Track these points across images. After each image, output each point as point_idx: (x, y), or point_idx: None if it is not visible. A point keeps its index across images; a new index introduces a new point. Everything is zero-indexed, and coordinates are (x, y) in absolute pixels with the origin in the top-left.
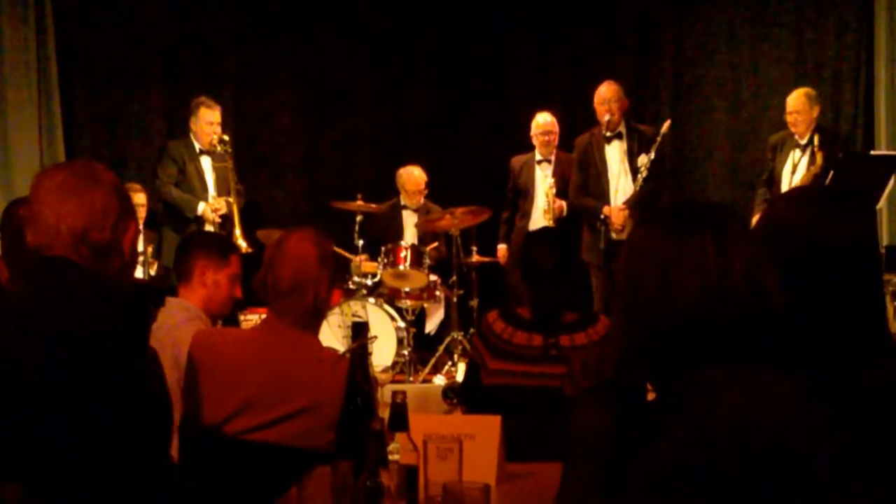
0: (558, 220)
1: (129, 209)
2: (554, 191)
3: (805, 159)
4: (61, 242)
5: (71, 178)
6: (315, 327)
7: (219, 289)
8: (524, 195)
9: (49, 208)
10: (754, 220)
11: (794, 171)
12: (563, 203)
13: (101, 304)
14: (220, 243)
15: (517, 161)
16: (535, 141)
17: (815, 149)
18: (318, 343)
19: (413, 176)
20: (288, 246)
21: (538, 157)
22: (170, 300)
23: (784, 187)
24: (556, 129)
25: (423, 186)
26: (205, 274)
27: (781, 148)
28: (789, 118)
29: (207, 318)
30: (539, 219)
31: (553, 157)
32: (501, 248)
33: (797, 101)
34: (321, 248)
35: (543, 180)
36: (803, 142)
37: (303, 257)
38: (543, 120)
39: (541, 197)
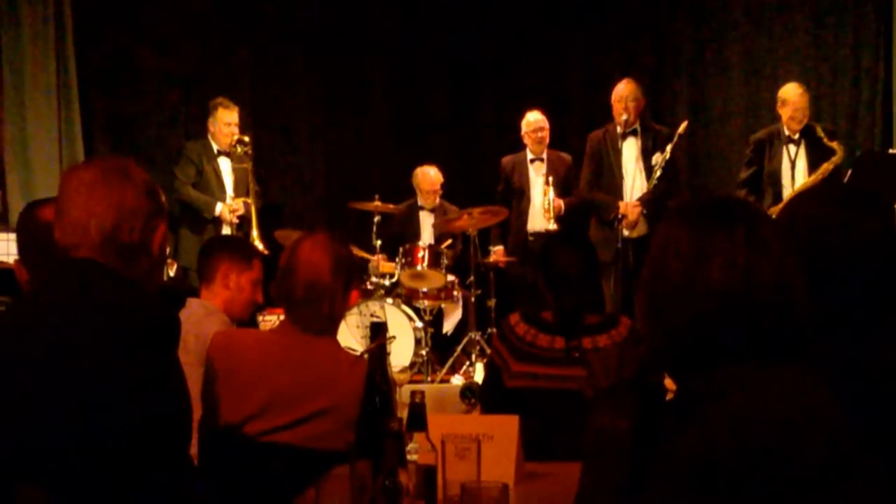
0: (558, 218)
1: (159, 209)
2: (552, 189)
3: (802, 154)
4: (89, 243)
5: (101, 176)
6: (332, 331)
7: (241, 292)
8: (519, 195)
9: (78, 207)
10: None
11: (794, 167)
12: (562, 202)
13: (127, 308)
14: (245, 247)
15: (508, 161)
16: (526, 139)
17: (825, 139)
18: (337, 345)
19: (428, 176)
20: (301, 255)
21: (530, 155)
22: (190, 300)
23: (786, 183)
24: (547, 126)
25: (438, 186)
26: (228, 276)
27: (770, 146)
28: (796, 114)
29: (228, 319)
30: (537, 218)
31: (545, 156)
32: (498, 249)
33: (800, 97)
34: (334, 255)
35: (539, 180)
36: (796, 137)
37: (315, 267)
38: (535, 118)
39: (537, 196)
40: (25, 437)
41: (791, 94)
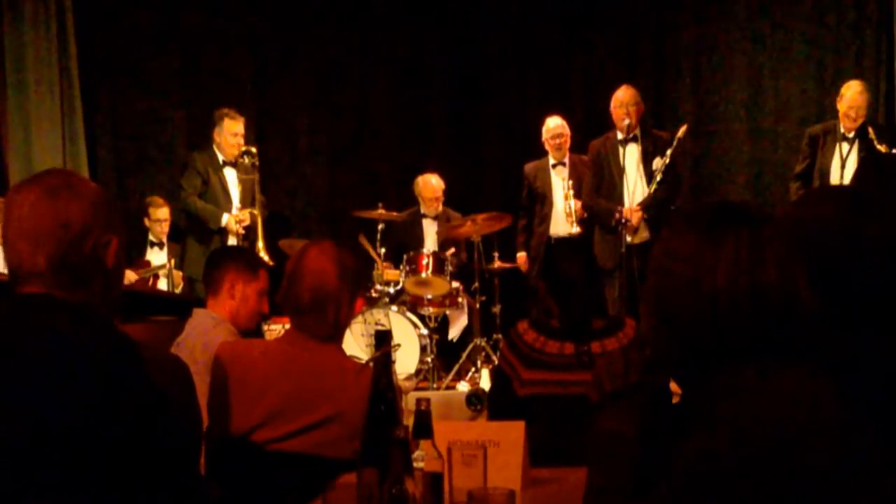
0: (581, 221)
1: (108, 222)
2: (573, 193)
3: (854, 152)
4: (37, 272)
5: (44, 195)
6: (338, 338)
7: (247, 302)
8: (541, 200)
9: (22, 233)
10: None
11: (844, 165)
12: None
13: (86, 340)
14: (251, 258)
15: (531, 167)
16: (547, 146)
17: (876, 142)
18: (342, 353)
19: (430, 184)
20: (307, 262)
21: (552, 161)
22: (198, 311)
23: (834, 180)
24: (567, 131)
25: (439, 194)
26: (234, 287)
27: (823, 142)
28: (850, 111)
29: (234, 329)
30: (559, 223)
31: (567, 160)
32: (521, 255)
33: (857, 95)
34: (340, 263)
35: (561, 184)
36: (850, 135)
37: (321, 274)
38: (554, 124)
39: (560, 201)
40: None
41: (849, 89)
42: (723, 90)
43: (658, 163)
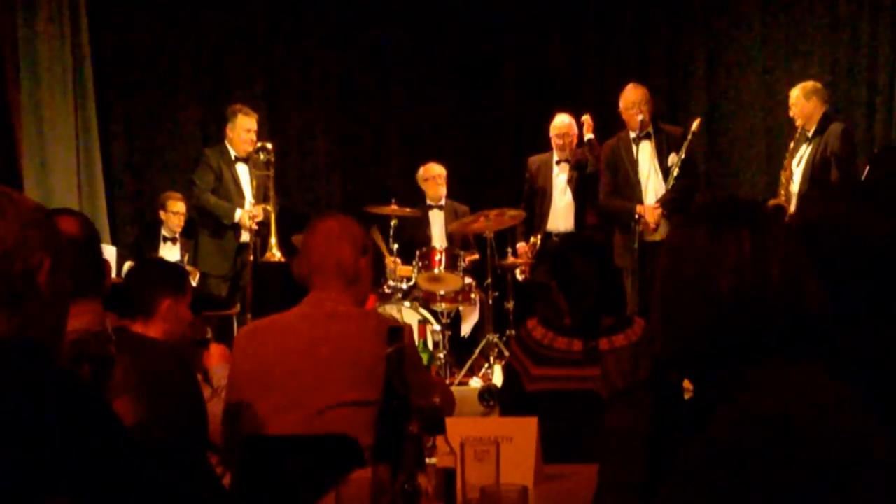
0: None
1: (40, 242)
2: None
3: (809, 149)
4: None
5: None
6: (353, 294)
7: (180, 321)
8: (542, 196)
9: None
10: None
11: (800, 163)
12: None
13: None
14: (176, 273)
15: (534, 161)
16: (552, 142)
17: (809, 141)
18: (350, 313)
19: (431, 167)
20: (315, 225)
21: (556, 157)
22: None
23: (796, 178)
24: (574, 130)
25: (439, 176)
26: (169, 310)
27: (796, 147)
28: (791, 112)
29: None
30: (559, 219)
31: (572, 158)
32: (521, 246)
33: (791, 95)
34: (346, 226)
35: (562, 181)
36: (810, 135)
37: (328, 231)
38: (560, 122)
39: (559, 197)
40: None
41: (791, 93)
42: (735, 86)
43: (673, 158)
